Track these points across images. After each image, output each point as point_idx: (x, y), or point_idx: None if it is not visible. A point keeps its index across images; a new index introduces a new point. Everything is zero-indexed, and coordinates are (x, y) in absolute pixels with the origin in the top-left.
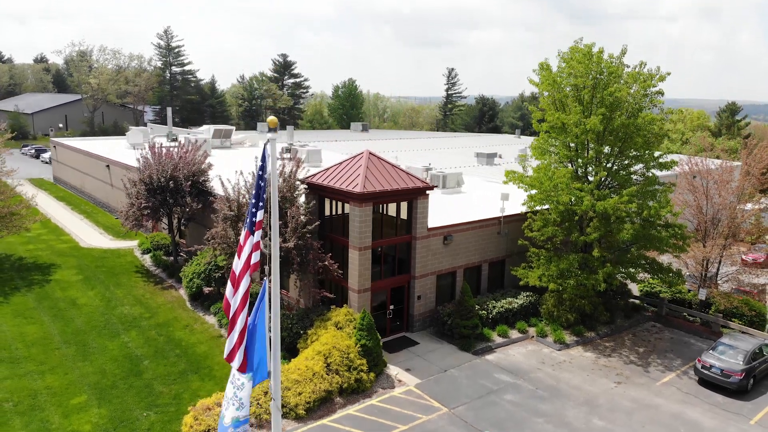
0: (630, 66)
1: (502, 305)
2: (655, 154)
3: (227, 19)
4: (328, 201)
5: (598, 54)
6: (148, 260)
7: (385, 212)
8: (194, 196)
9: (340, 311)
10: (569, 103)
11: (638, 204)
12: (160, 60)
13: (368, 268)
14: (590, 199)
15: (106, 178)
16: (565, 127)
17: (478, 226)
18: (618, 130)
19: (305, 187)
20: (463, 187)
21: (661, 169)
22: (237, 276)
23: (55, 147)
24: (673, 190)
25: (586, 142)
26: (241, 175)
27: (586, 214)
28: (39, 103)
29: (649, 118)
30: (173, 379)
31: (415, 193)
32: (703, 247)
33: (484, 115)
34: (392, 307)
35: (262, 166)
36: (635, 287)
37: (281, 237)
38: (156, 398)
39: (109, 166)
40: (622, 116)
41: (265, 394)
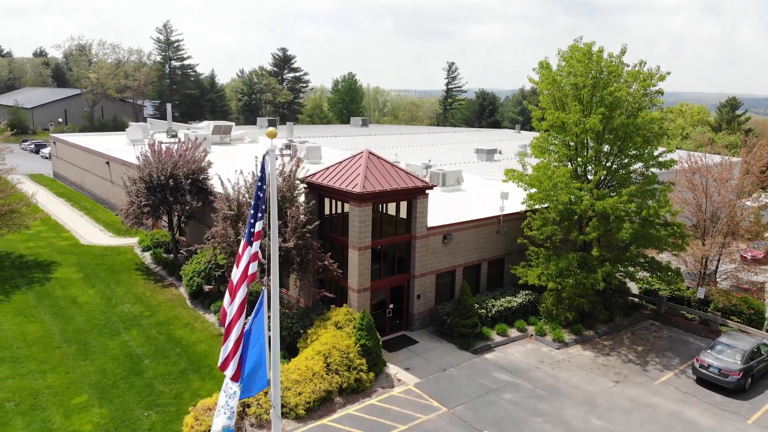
0: (630, 65)
1: (501, 304)
2: (655, 153)
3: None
4: (327, 200)
5: (598, 53)
6: (148, 258)
7: (384, 211)
8: (194, 194)
9: (339, 311)
10: (569, 102)
11: (637, 204)
12: (160, 54)
13: (368, 268)
14: (589, 198)
15: (106, 175)
16: (564, 126)
17: (478, 225)
18: (618, 129)
19: (305, 186)
20: (462, 185)
21: (660, 168)
22: (234, 286)
23: (55, 143)
24: (673, 189)
25: (586, 141)
26: (241, 175)
27: (586, 213)
28: (38, 98)
29: (649, 118)
30: (174, 379)
31: (415, 193)
32: (702, 245)
33: (485, 110)
34: (392, 306)
35: (262, 178)
36: (634, 285)
37: (281, 237)
38: (157, 398)
39: (108, 163)
40: (621, 115)
41: (266, 394)
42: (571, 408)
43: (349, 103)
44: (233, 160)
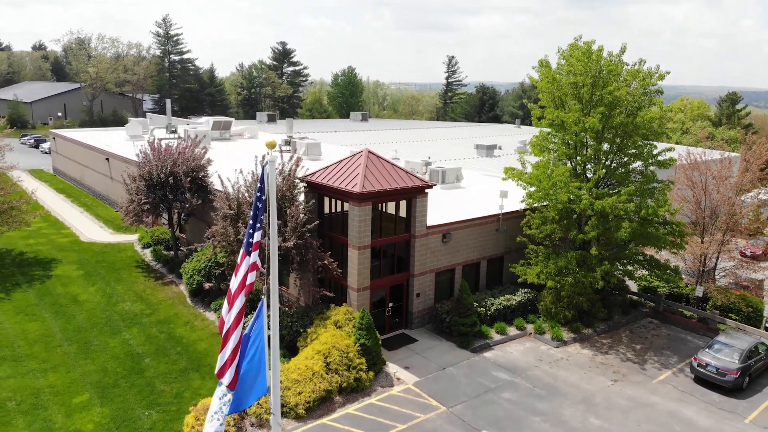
0: (629, 64)
1: (501, 302)
2: (654, 152)
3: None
4: (327, 199)
5: (598, 52)
6: (149, 255)
7: (384, 210)
8: (194, 192)
9: (339, 310)
10: (568, 101)
11: (636, 203)
12: (159, 48)
13: (367, 267)
14: (588, 197)
15: (106, 171)
16: (564, 125)
17: (477, 224)
18: (617, 128)
19: (304, 185)
20: (462, 182)
21: (659, 167)
22: (232, 295)
23: (55, 138)
24: (672, 188)
25: (585, 140)
26: (241, 174)
27: (585, 212)
28: (38, 92)
29: (648, 117)
30: (174, 378)
31: (415, 192)
32: (701, 243)
33: (485, 104)
34: (391, 304)
35: (261, 188)
36: (633, 283)
37: (281, 236)
38: (157, 397)
39: (108, 159)
40: (621, 114)
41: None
42: (570, 407)
43: (348, 97)
44: (233, 156)
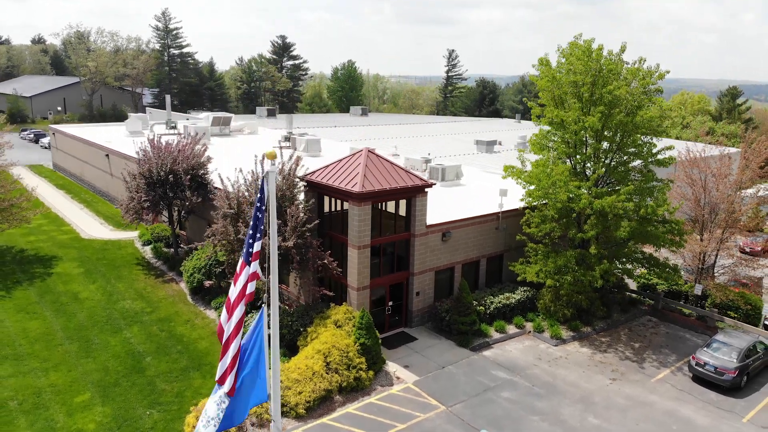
0: (629, 62)
1: (500, 300)
2: (654, 150)
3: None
4: (327, 198)
5: (598, 51)
6: (149, 252)
7: (384, 208)
8: (194, 190)
9: (339, 309)
10: (568, 100)
11: (635, 202)
12: (158, 42)
13: (367, 266)
14: (588, 196)
15: (106, 167)
16: (563, 124)
17: (477, 222)
18: (616, 127)
19: (304, 184)
20: (462, 180)
21: (658, 166)
22: (232, 304)
23: (54, 134)
24: (671, 187)
25: (585, 139)
26: (240, 173)
27: (584, 211)
28: (37, 86)
29: (648, 117)
30: (175, 377)
31: (414, 191)
32: (701, 241)
33: (485, 98)
34: (391, 303)
35: (260, 198)
36: (632, 281)
37: (281, 235)
38: (158, 396)
39: (108, 156)
40: (620, 113)
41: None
42: (568, 406)
43: (348, 91)
44: (233, 153)
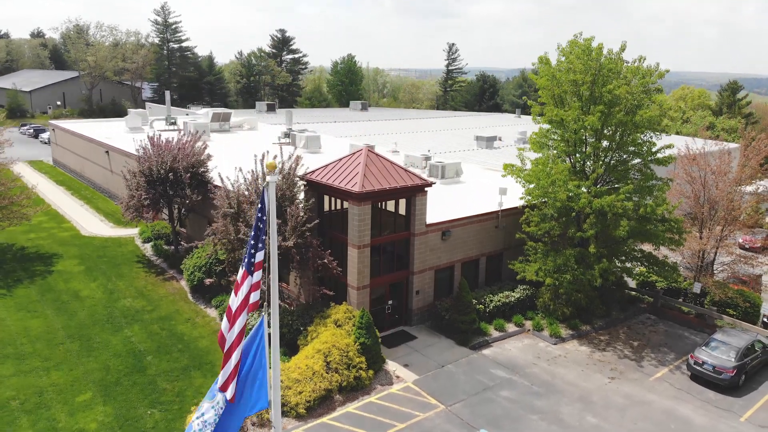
0: (629, 61)
1: (499, 299)
2: (653, 149)
3: None
4: (327, 197)
5: (597, 49)
6: (149, 250)
7: (384, 207)
8: (194, 188)
9: (339, 308)
10: (568, 99)
11: (635, 202)
12: (158, 36)
13: (367, 266)
14: (587, 195)
15: (106, 164)
16: (563, 122)
17: (477, 221)
18: (616, 125)
19: (304, 183)
20: (462, 177)
21: (658, 164)
22: (234, 313)
23: (54, 130)
24: (670, 187)
25: (585, 138)
26: (240, 172)
27: (583, 211)
28: (36, 81)
29: (648, 116)
30: (176, 376)
31: (414, 191)
32: (700, 239)
33: (485, 93)
34: (391, 302)
35: (261, 209)
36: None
37: (281, 235)
38: (160, 395)
39: (108, 152)
40: (620, 112)
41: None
42: (567, 405)
43: (348, 85)
44: (233, 149)
